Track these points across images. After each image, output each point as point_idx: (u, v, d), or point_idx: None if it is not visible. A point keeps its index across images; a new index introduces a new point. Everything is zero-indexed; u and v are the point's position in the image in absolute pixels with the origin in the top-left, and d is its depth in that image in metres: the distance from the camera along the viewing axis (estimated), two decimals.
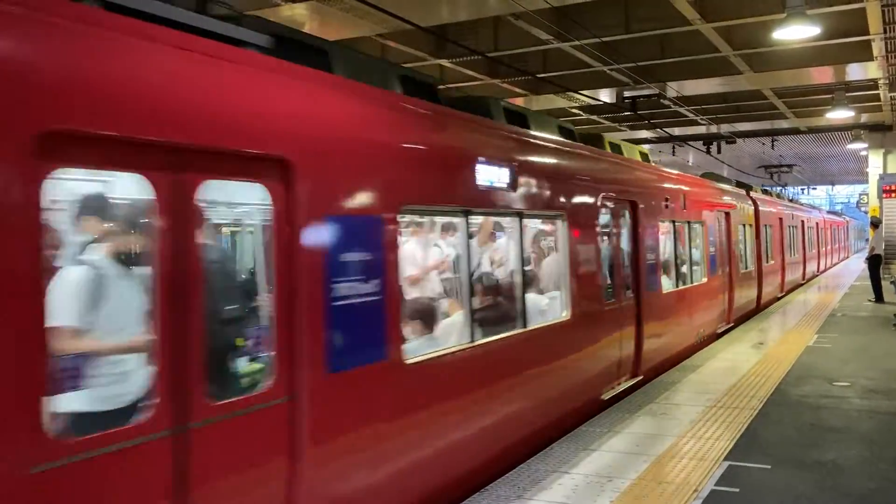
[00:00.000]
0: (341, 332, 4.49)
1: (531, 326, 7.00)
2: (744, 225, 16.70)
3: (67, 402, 3.52)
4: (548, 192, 7.40)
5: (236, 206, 5.23)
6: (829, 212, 48.00)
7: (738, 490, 5.65)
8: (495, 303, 6.89)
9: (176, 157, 3.59)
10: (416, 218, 6.96)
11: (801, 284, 25.17)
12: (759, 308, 17.50)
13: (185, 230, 3.62)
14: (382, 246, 4.95)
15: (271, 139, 4.12)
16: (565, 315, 7.63)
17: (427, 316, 6.13)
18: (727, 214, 14.87)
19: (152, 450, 3.39)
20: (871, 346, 12.23)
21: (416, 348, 5.56)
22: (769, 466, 6.18)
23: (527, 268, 7.34)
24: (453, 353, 5.83)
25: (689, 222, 12.29)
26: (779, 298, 20.28)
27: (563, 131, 8.61)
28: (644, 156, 11.96)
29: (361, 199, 4.85)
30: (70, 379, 3.70)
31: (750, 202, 17.83)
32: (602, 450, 6.71)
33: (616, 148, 10.59)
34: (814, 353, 11.59)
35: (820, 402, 8.39)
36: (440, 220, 7.38)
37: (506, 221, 7.38)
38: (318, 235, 4.37)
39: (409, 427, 5.18)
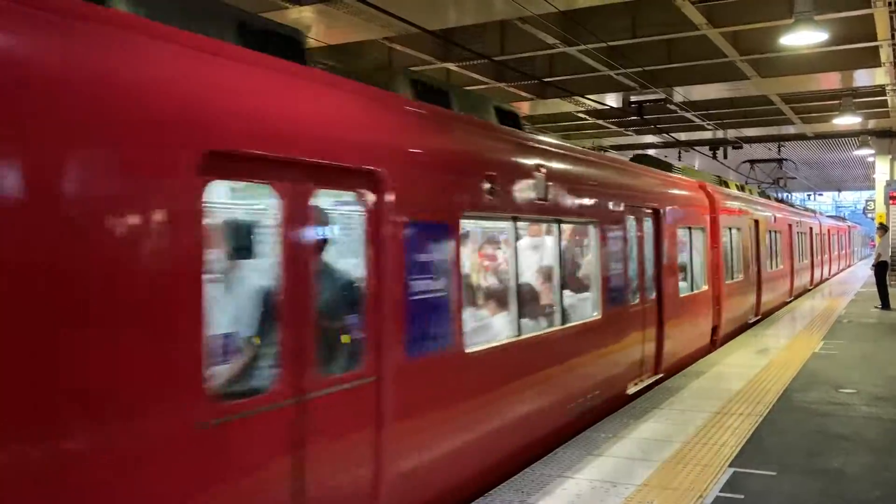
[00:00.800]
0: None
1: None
2: (689, 228, 11.95)
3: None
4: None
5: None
6: (830, 216, 44.96)
7: (742, 497, 5.63)
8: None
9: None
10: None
11: (787, 303, 20.89)
12: (714, 343, 12.93)
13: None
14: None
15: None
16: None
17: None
18: (656, 212, 10.39)
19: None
20: (877, 352, 12.18)
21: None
22: (774, 473, 6.16)
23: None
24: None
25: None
26: (749, 325, 15.68)
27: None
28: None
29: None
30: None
31: (704, 196, 12.95)
32: (607, 455, 6.69)
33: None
34: (820, 359, 11.55)
35: (826, 409, 8.35)
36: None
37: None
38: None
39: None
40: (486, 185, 6.21)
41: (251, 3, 11.23)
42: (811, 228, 26.99)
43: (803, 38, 11.66)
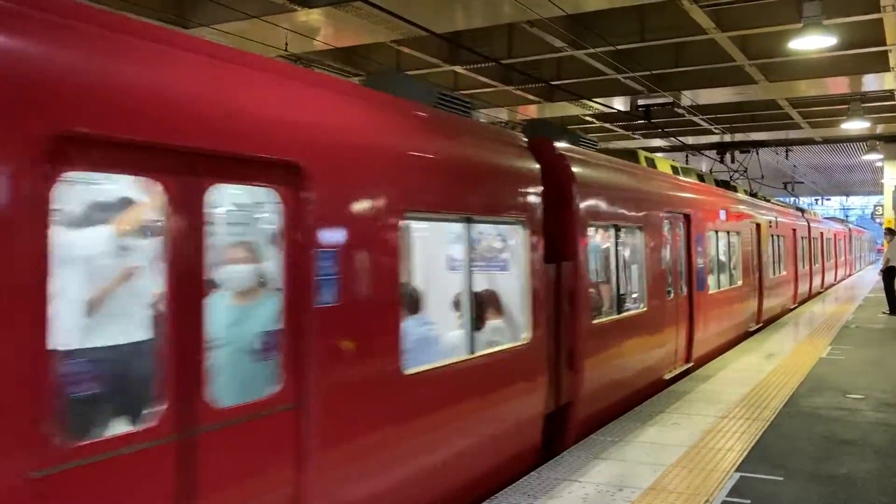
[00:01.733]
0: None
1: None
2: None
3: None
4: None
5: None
6: (829, 217, 41.47)
7: (749, 501, 5.61)
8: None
9: None
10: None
11: (752, 333, 15.13)
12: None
13: None
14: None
15: None
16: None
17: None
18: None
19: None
20: (885, 358, 12.13)
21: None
22: (781, 478, 6.14)
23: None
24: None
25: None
26: (687, 372, 10.98)
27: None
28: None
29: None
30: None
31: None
32: (613, 459, 6.68)
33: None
34: (827, 364, 11.51)
35: (833, 415, 8.33)
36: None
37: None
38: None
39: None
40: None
41: (257, 5, 11.34)
42: (795, 231, 21.77)
43: (812, 42, 11.63)
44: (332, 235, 4.46)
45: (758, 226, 16.65)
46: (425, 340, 5.83)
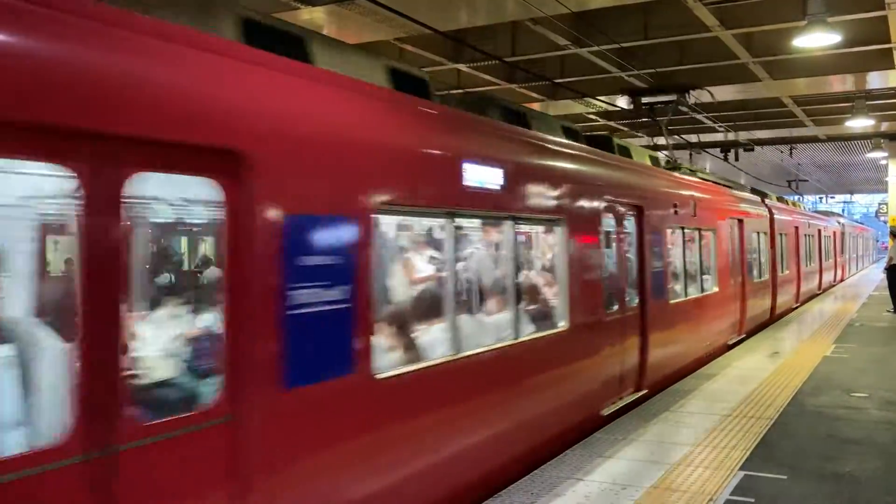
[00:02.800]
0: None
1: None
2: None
3: None
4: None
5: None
6: (820, 212, 35.19)
7: (753, 500, 5.60)
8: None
9: None
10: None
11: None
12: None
13: None
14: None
15: None
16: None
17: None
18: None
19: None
20: (889, 356, 12.10)
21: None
22: (785, 477, 6.13)
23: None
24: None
25: None
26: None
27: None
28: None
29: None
30: None
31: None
32: (616, 457, 6.67)
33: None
34: (831, 363, 11.49)
35: (837, 413, 8.31)
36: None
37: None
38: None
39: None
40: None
41: (260, 3, 11.32)
42: (742, 222, 14.64)
43: (816, 39, 11.59)
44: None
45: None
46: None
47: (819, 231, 25.73)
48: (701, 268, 12.12)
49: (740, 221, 14.63)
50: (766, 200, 18.77)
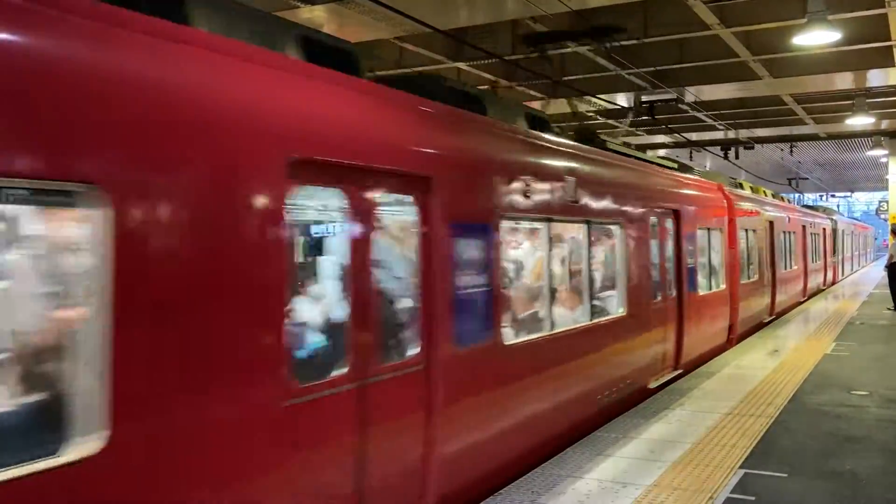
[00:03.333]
0: None
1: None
2: None
3: None
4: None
5: None
6: (807, 206, 31.59)
7: (753, 498, 5.61)
8: None
9: None
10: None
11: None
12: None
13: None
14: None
15: None
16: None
17: None
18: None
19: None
20: (890, 354, 12.11)
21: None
22: (785, 475, 6.13)
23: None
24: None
25: None
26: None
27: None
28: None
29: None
30: None
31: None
32: (617, 455, 6.68)
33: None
34: (831, 361, 11.49)
35: (838, 411, 8.31)
36: None
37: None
38: None
39: None
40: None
41: (262, 3, 11.32)
42: (678, 214, 11.00)
43: (816, 37, 11.59)
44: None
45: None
46: None
47: (804, 228, 22.24)
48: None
49: (675, 213, 10.81)
50: (727, 189, 14.33)
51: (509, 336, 6.46)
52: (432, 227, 5.39)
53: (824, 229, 27.61)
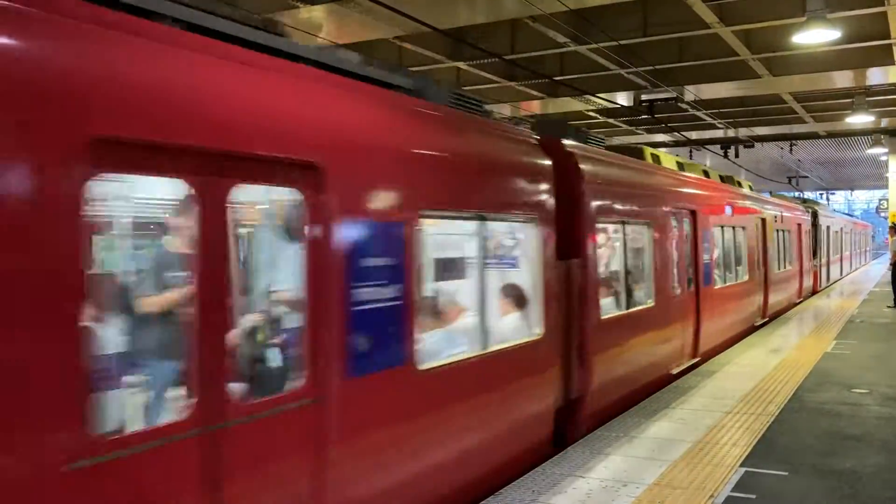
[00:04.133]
0: None
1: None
2: None
3: None
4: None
5: None
6: (804, 201, 26.66)
7: (754, 496, 5.61)
8: None
9: None
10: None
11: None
12: None
13: None
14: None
15: None
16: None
17: None
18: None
19: None
20: (890, 353, 12.10)
21: None
22: (786, 473, 6.13)
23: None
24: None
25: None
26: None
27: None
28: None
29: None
30: None
31: None
32: (617, 454, 6.68)
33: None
34: (832, 359, 11.49)
35: (838, 409, 8.31)
36: None
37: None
38: None
39: None
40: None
41: (259, 2, 11.33)
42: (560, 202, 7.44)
43: (816, 36, 11.59)
44: None
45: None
46: None
47: (763, 222, 16.09)
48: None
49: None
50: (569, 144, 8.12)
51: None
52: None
53: (799, 225, 21.09)
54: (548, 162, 7.04)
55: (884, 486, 5.85)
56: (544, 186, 6.98)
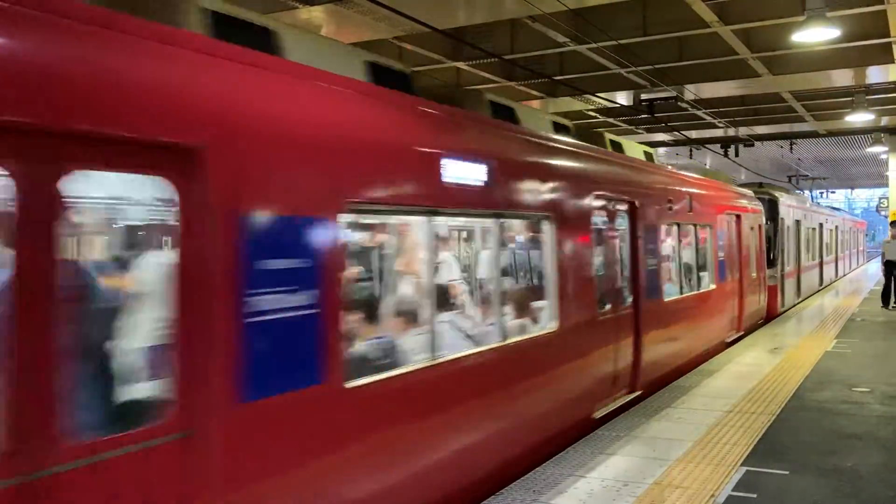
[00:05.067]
0: None
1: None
2: None
3: None
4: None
5: None
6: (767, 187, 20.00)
7: (755, 496, 5.61)
8: None
9: None
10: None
11: None
12: None
13: None
14: None
15: None
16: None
17: None
18: None
19: None
20: (891, 351, 12.10)
21: None
22: (787, 472, 6.13)
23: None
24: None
25: None
26: None
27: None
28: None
29: None
30: None
31: None
32: (618, 454, 6.68)
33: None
34: (833, 357, 11.49)
35: (839, 408, 8.31)
36: None
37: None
38: None
39: None
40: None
41: (259, 2, 11.33)
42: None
43: (815, 34, 11.57)
44: None
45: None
46: None
47: (657, 214, 10.31)
48: None
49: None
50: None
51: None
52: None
53: (738, 218, 14.26)
54: None
55: (885, 485, 5.85)
56: None
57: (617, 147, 10.56)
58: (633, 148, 11.44)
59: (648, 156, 11.84)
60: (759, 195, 17.93)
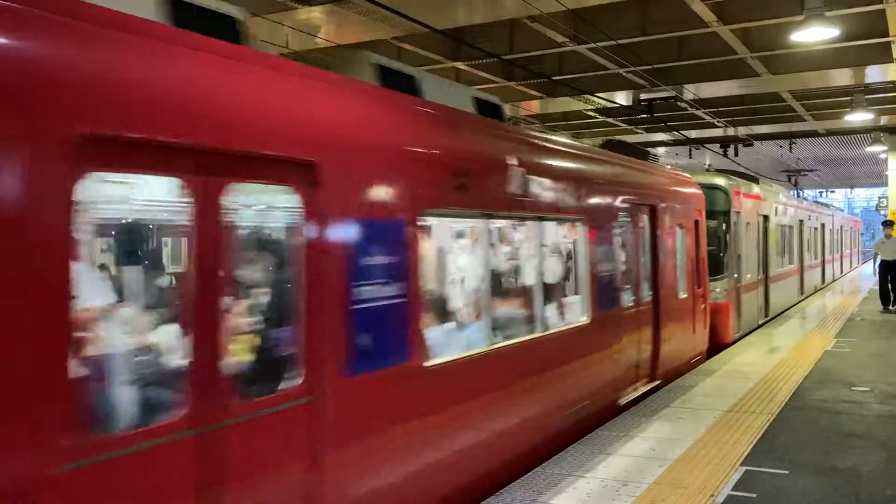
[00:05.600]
0: None
1: None
2: None
3: None
4: None
5: None
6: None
7: (755, 495, 5.61)
8: None
9: None
10: None
11: None
12: None
13: None
14: None
15: None
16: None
17: None
18: None
19: None
20: (890, 350, 12.11)
21: None
22: (787, 472, 6.13)
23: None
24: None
25: None
26: None
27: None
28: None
29: None
30: None
31: None
32: (618, 454, 6.68)
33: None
34: (832, 357, 11.49)
35: (839, 407, 8.31)
36: None
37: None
38: None
39: None
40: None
41: (258, 2, 11.33)
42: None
43: (814, 34, 11.57)
44: None
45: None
46: None
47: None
48: None
49: None
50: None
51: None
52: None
53: (652, 209, 10.13)
54: None
55: (885, 484, 5.85)
56: None
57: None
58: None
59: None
60: (703, 183, 13.40)
